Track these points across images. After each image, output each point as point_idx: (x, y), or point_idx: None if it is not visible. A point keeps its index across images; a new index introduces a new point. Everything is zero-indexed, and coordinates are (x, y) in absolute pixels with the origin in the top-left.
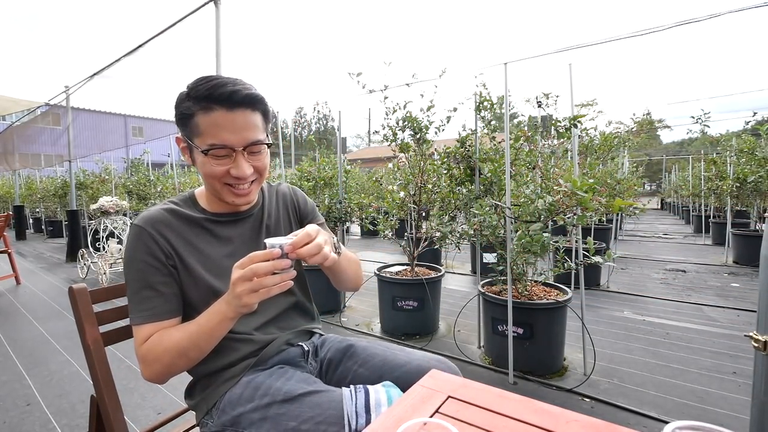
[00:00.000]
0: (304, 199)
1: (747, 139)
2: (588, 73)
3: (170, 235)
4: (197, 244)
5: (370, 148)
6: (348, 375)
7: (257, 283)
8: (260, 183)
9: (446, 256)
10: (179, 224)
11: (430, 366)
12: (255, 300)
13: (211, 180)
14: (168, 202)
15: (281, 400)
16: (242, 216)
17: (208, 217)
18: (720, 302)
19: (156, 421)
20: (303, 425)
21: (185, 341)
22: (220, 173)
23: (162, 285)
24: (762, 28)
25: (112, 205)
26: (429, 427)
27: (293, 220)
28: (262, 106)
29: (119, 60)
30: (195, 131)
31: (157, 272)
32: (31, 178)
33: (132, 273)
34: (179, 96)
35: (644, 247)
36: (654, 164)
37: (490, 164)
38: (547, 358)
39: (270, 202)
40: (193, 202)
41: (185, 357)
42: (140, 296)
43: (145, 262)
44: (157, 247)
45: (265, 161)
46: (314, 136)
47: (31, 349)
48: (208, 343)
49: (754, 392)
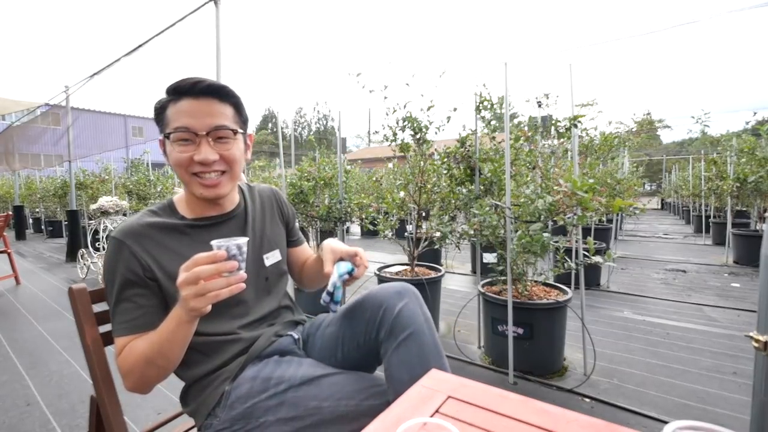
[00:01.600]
0: (286, 202)
1: (747, 139)
2: (588, 73)
3: (149, 246)
4: (178, 250)
5: (370, 148)
6: (318, 341)
7: (202, 287)
8: (232, 177)
9: (446, 256)
10: (158, 234)
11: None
12: (203, 304)
13: (178, 170)
14: (147, 211)
15: (299, 383)
16: (223, 219)
17: (188, 223)
18: (720, 302)
19: (156, 421)
20: (324, 402)
21: (149, 350)
22: (185, 161)
23: (140, 297)
24: (762, 28)
25: (112, 205)
26: (429, 427)
27: (280, 221)
28: (231, 99)
29: (119, 60)
30: (165, 122)
31: (135, 285)
32: (31, 178)
33: (110, 286)
34: (160, 99)
35: (644, 247)
36: (654, 164)
37: (490, 164)
38: (547, 358)
39: (252, 203)
40: (172, 210)
41: (154, 366)
42: (118, 309)
43: (122, 275)
44: (134, 260)
45: (233, 151)
46: (314, 136)
47: (31, 349)
48: (172, 351)
49: (754, 392)
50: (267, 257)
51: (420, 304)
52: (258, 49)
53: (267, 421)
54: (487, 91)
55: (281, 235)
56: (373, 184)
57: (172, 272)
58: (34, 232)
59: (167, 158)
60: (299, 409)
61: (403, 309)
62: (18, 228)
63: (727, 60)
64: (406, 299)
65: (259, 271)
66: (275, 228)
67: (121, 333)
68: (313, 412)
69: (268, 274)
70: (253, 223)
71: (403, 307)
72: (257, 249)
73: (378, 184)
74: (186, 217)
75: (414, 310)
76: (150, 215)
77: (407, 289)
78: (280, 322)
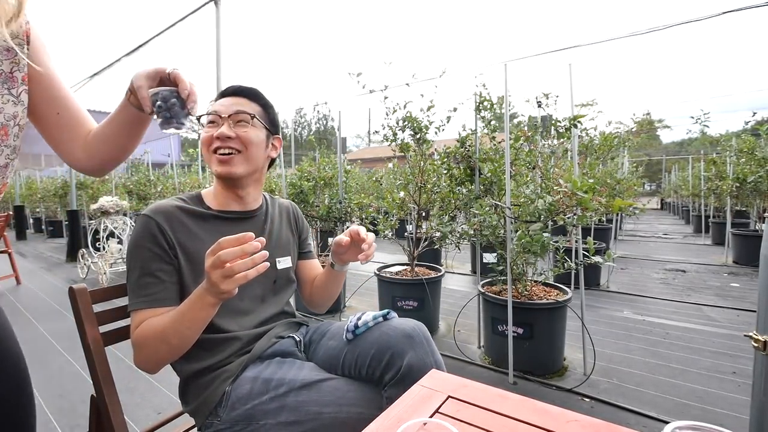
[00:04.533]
0: (302, 216)
1: (747, 139)
2: (588, 73)
3: (176, 226)
4: (202, 236)
5: (370, 148)
6: (320, 350)
7: (229, 269)
8: (246, 158)
9: (446, 256)
10: (186, 217)
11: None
12: (232, 286)
13: (203, 149)
14: (176, 198)
15: (299, 387)
16: (247, 215)
17: (214, 213)
18: (720, 302)
19: (156, 421)
20: (325, 408)
21: (168, 327)
22: (208, 139)
23: (163, 273)
24: (762, 28)
25: (112, 205)
26: (429, 427)
27: (294, 231)
28: (260, 101)
29: (119, 60)
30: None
31: (160, 260)
32: (31, 178)
33: (135, 260)
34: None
35: (644, 247)
36: (654, 164)
37: (490, 164)
38: (547, 358)
39: (273, 209)
40: (199, 201)
41: (167, 343)
42: (140, 282)
43: (149, 249)
44: (162, 236)
45: (249, 134)
46: (314, 136)
47: (31, 349)
48: (191, 330)
49: (753, 392)
50: (279, 261)
51: (431, 350)
52: (258, 49)
53: (267, 424)
54: (486, 91)
55: (294, 244)
56: (373, 184)
57: (193, 255)
58: (34, 232)
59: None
60: (300, 414)
61: (413, 363)
62: (18, 228)
63: (727, 60)
64: (416, 348)
65: (270, 273)
66: (289, 236)
67: (141, 306)
68: (314, 417)
69: (277, 277)
70: (271, 226)
71: (412, 361)
72: (271, 252)
73: (378, 184)
74: (212, 208)
75: (424, 362)
76: (179, 201)
77: (418, 333)
78: (281, 324)
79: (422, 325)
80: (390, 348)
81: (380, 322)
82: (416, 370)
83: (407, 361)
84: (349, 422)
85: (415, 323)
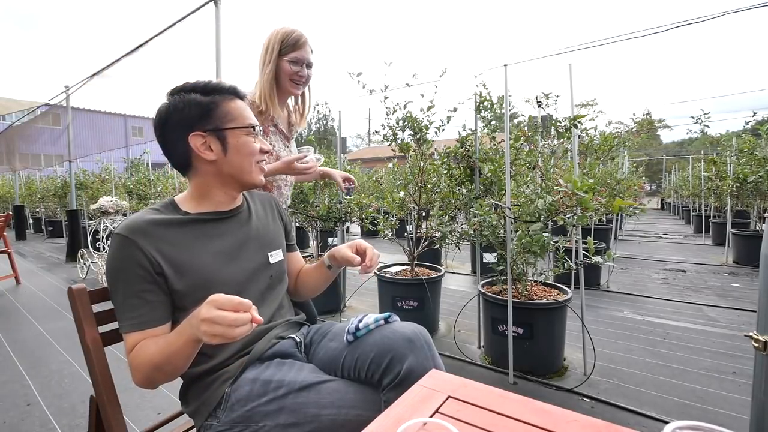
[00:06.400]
0: (282, 207)
1: (747, 139)
2: (588, 73)
3: (155, 242)
4: (184, 242)
5: (370, 148)
6: (320, 351)
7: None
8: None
9: (446, 256)
10: (163, 229)
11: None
12: (215, 342)
13: (248, 158)
14: (148, 209)
15: (298, 389)
16: (228, 215)
17: (192, 217)
18: (720, 302)
19: (156, 421)
20: (324, 410)
21: (158, 357)
22: (257, 151)
23: (147, 293)
24: (762, 28)
25: (112, 205)
26: (429, 427)
27: (280, 223)
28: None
29: (119, 60)
30: (226, 118)
31: (143, 280)
32: (31, 178)
33: (116, 282)
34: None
35: (644, 247)
36: (654, 164)
37: (490, 164)
38: (547, 358)
39: (254, 203)
40: (174, 208)
41: (161, 371)
42: (126, 305)
43: (131, 271)
44: (141, 254)
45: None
46: (314, 136)
47: (31, 349)
48: (181, 360)
49: (754, 392)
50: (272, 255)
51: (431, 354)
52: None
53: (266, 426)
54: (487, 91)
55: (282, 237)
56: (373, 184)
57: (180, 264)
58: (34, 232)
59: (199, 150)
60: (298, 416)
61: (413, 367)
62: (18, 228)
63: (727, 60)
64: (417, 352)
65: (265, 269)
66: (277, 229)
67: (131, 329)
68: (313, 418)
69: (272, 272)
70: (257, 222)
71: (412, 365)
72: (263, 247)
73: (378, 184)
74: (189, 212)
75: (424, 366)
76: (152, 213)
77: (419, 337)
78: (281, 323)
79: (423, 329)
80: (390, 351)
81: (381, 325)
82: (416, 374)
83: (407, 365)
84: (347, 424)
85: (417, 327)
